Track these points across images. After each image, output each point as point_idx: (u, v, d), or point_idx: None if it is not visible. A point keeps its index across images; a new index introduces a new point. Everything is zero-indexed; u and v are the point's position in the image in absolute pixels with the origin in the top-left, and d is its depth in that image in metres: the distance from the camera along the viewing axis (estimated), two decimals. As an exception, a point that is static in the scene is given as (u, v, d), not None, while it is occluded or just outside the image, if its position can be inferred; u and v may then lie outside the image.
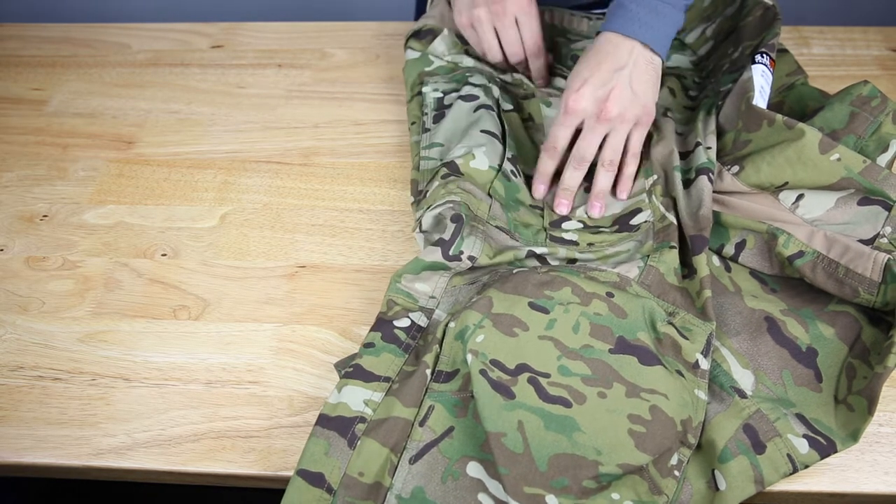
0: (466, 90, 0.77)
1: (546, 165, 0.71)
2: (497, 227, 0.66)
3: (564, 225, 0.69)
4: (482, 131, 0.72)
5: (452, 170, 0.68)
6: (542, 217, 0.70)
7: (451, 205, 0.64)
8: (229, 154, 0.81)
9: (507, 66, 0.82)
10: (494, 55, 0.80)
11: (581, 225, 0.69)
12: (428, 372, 0.57)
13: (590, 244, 0.67)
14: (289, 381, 0.62)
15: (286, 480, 0.57)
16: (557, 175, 0.72)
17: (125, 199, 0.77)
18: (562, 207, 0.70)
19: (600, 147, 0.70)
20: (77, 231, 0.74)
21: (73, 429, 0.60)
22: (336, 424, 0.54)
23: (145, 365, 0.64)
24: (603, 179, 0.70)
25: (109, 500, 1.18)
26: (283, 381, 0.62)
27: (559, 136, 0.69)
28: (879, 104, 0.66)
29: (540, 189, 0.71)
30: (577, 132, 0.70)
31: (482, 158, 0.69)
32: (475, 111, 0.75)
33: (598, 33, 0.70)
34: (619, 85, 0.67)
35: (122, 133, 0.84)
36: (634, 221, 0.68)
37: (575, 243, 0.67)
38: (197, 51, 0.94)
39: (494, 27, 0.78)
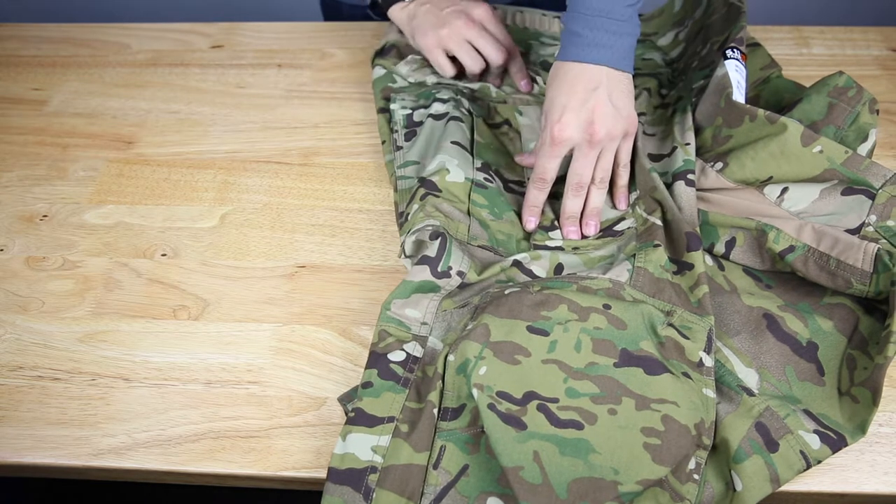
0: (436, 108, 0.77)
1: (537, 198, 0.68)
2: (479, 245, 0.66)
3: (551, 234, 0.68)
4: (452, 143, 0.72)
5: (429, 188, 0.68)
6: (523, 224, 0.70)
7: (430, 228, 0.64)
8: (229, 154, 0.81)
9: (484, 75, 0.81)
10: (476, 65, 0.79)
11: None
12: (434, 412, 0.56)
13: (575, 248, 0.67)
14: (288, 380, 0.62)
15: (286, 480, 0.58)
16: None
17: (125, 199, 0.77)
18: (572, 234, 0.68)
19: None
20: (77, 231, 0.74)
21: (73, 429, 0.60)
22: (347, 478, 0.53)
23: (145, 365, 0.64)
24: (596, 198, 0.69)
25: (109, 500, 1.18)
26: (282, 381, 0.62)
27: (548, 168, 0.67)
28: (856, 94, 0.67)
29: (531, 222, 0.69)
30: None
31: (457, 172, 0.70)
32: (445, 124, 0.75)
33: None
34: (599, 104, 0.65)
35: (122, 133, 0.84)
36: (618, 228, 0.68)
37: (560, 248, 0.67)
38: (197, 51, 0.94)
39: (466, 40, 0.78)
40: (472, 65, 0.79)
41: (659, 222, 0.66)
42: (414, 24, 0.81)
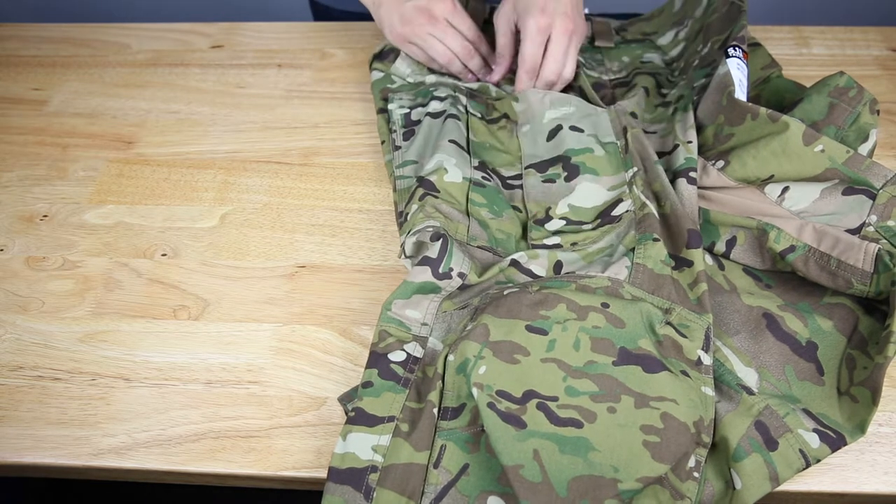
0: (433, 106, 0.77)
1: (526, 84, 0.79)
2: (479, 246, 0.66)
3: (547, 226, 0.68)
4: (450, 141, 0.72)
5: (427, 188, 0.68)
6: (524, 213, 0.70)
7: (431, 230, 0.64)
8: (229, 154, 0.81)
9: (461, 68, 0.82)
10: (445, 57, 0.80)
11: (564, 221, 0.68)
12: (435, 411, 0.56)
13: (573, 244, 0.67)
14: (289, 380, 0.62)
15: (286, 480, 0.58)
16: None
17: (125, 199, 0.77)
18: (495, 77, 0.82)
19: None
20: (77, 231, 0.74)
21: (73, 429, 0.60)
22: (348, 477, 0.53)
23: (145, 365, 0.64)
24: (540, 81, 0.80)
25: (109, 500, 1.18)
26: (282, 381, 0.62)
27: (537, 56, 0.77)
28: (856, 94, 0.67)
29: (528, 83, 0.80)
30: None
31: (455, 172, 0.70)
32: (443, 122, 0.75)
33: None
34: (570, 3, 0.77)
35: (122, 133, 0.84)
36: (616, 212, 0.68)
37: (558, 246, 0.67)
38: (197, 51, 0.94)
39: (432, 35, 0.80)
40: (440, 57, 0.80)
41: (655, 213, 0.66)
42: (381, 12, 0.82)
